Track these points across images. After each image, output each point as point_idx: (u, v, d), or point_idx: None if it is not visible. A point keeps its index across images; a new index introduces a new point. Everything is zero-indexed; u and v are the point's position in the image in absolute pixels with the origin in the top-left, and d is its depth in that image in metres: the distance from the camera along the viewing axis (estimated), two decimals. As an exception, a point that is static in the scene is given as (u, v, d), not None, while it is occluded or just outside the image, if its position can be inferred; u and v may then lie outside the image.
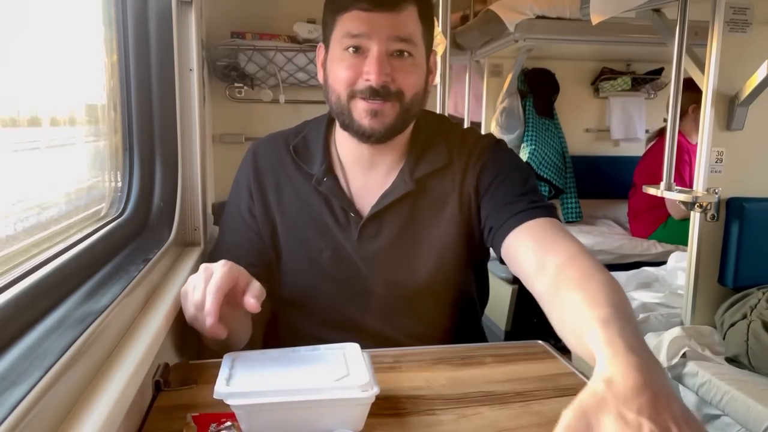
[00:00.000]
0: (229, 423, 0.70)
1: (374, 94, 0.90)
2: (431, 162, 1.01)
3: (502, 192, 0.97)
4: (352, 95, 0.92)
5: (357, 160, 1.02)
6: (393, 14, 0.90)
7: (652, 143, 2.91)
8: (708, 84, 1.50)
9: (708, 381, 1.35)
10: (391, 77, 0.91)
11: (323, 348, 0.79)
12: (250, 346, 0.97)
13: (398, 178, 1.00)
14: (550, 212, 0.93)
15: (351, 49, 0.91)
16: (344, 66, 0.92)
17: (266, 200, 1.03)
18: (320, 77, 1.01)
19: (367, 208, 1.01)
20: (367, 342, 0.82)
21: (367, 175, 1.02)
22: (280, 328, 1.09)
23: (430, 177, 1.01)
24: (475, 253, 1.05)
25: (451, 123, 1.10)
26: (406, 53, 0.92)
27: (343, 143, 1.02)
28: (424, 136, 1.04)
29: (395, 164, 1.02)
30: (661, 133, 2.86)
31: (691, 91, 1.57)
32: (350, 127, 0.95)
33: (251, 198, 1.04)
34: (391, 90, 0.91)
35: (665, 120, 1.53)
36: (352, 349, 0.79)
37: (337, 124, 1.01)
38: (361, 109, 0.92)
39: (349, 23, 0.90)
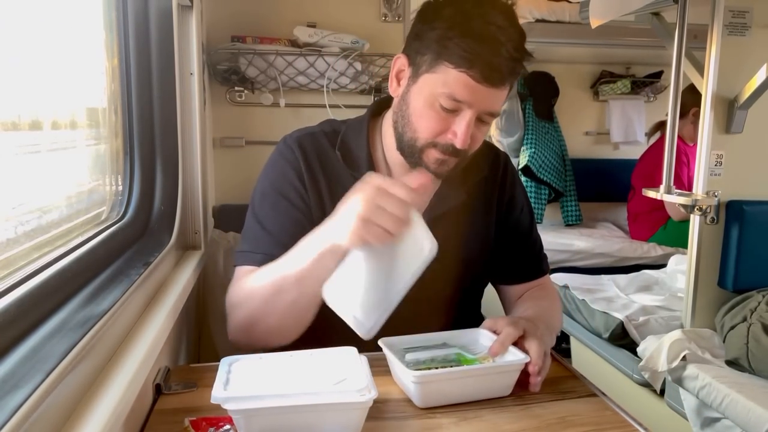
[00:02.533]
0: (227, 426, 0.70)
1: (453, 152, 0.94)
2: (475, 171, 1.08)
3: (521, 233, 1.14)
4: (431, 144, 0.95)
5: (402, 166, 1.04)
6: (495, 89, 0.90)
7: (651, 144, 2.91)
8: (707, 87, 1.50)
9: (708, 384, 1.35)
10: (470, 138, 0.94)
11: (321, 352, 0.79)
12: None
13: (445, 185, 1.06)
14: (546, 266, 1.18)
15: (447, 106, 0.92)
16: (435, 118, 0.93)
17: (320, 191, 1.03)
18: (394, 91, 1.01)
19: None
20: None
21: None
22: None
23: (474, 185, 1.09)
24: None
25: None
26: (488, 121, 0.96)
27: (393, 153, 1.03)
28: None
29: None
30: (660, 126, 2.86)
31: (696, 93, 1.57)
32: (414, 162, 0.98)
33: (303, 186, 1.02)
34: (465, 149, 0.94)
35: (666, 115, 1.53)
36: (350, 352, 0.79)
37: (390, 132, 1.02)
38: (433, 158, 0.96)
39: (455, 85, 0.89)
